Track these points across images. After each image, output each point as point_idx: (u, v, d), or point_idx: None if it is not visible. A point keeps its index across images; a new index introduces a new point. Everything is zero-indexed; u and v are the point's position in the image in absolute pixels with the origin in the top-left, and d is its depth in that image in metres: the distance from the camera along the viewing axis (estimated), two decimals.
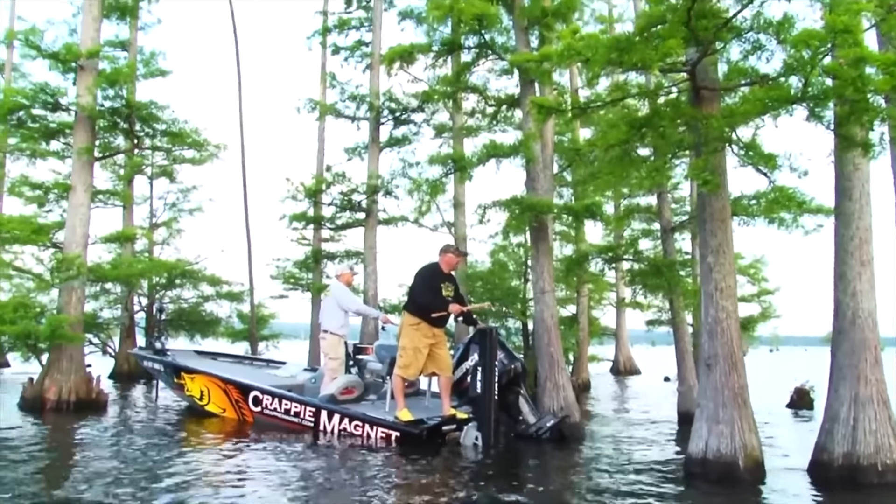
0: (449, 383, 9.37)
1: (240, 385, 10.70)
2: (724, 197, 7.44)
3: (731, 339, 7.23)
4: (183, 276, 20.06)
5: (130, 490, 6.16)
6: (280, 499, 5.93)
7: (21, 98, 13.16)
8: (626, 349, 29.82)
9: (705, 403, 7.27)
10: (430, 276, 9.26)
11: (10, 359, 22.59)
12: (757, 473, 7.03)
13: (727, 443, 7.04)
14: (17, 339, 12.34)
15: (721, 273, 7.31)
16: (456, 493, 6.40)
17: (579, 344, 19.21)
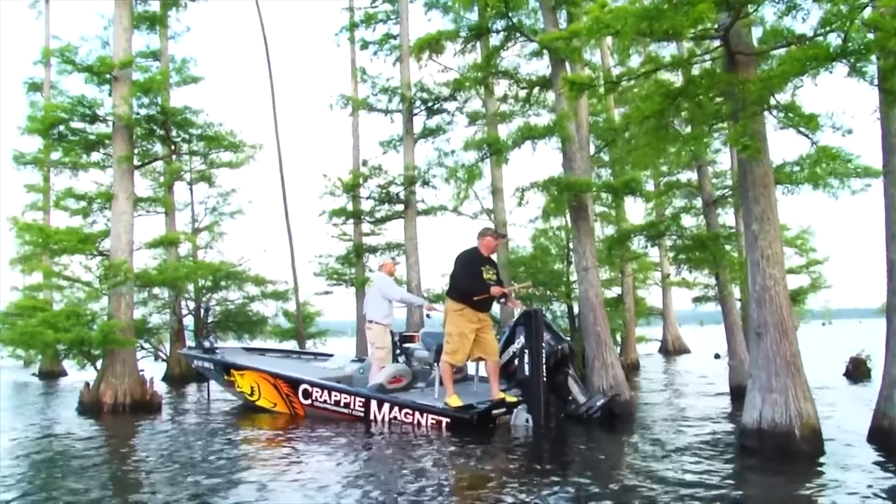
0: (496, 367, 9.36)
1: (289, 379, 10.81)
2: (766, 163, 7.29)
3: (781, 307, 7.10)
4: (228, 277, 20.33)
5: (191, 485, 6.25)
6: (338, 485, 5.96)
7: (60, 112, 13.43)
8: (674, 328, 29.55)
9: (757, 373, 7.15)
10: (470, 260, 9.24)
11: (67, 367, 23.17)
12: (815, 443, 6.88)
13: (782, 412, 6.92)
14: (71, 346, 12.64)
15: (766, 240, 7.18)
16: (510, 475, 6.37)
17: (626, 324, 19.08)
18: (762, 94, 6.54)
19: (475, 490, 5.79)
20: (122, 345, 12.25)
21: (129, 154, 13.01)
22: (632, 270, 19.31)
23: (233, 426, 10.01)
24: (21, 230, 13.50)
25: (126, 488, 6.35)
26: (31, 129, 13.73)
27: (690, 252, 11.80)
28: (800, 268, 19.71)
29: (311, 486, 6.04)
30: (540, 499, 5.41)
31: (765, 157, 7.26)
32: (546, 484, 5.94)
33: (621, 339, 19.07)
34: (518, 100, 13.51)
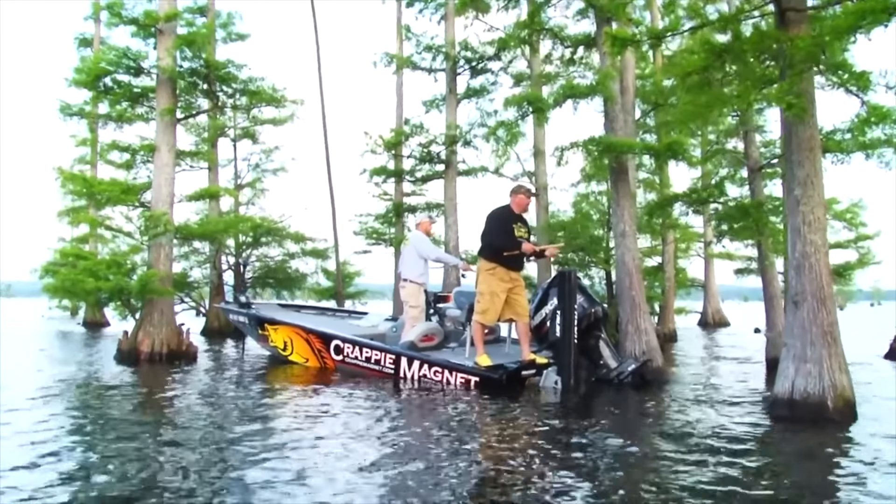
0: (527, 328, 9.28)
1: (321, 334, 10.87)
2: (812, 125, 7.02)
3: (820, 275, 6.89)
4: (268, 233, 20.53)
5: (220, 429, 6.32)
6: (366, 437, 5.97)
7: (106, 64, 13.54)
8: (715, 301, 29.15)
9: (792, 342, 6.97)
10: (501, 217, 9.13)
11: (110, 318, 23.69)
12: (848, 415, 6.71)
13: (815, 382, 6.75)
14: (111, 295, 12.89)
15: (809, 206, 6.95)
16: (533, 436, 6.31)
17: (665, 293, 18.81)
18: (812, 52, 6.28)
19: (497, 449, 5.74)
20: (160, 294, 12.44)
21: (171, 107, 13.09)
22: (674, 239, 18.94)
23: (262, 379, 10.10)
24: (66, 180, 13.69)
25: (153, 424, 6.45)
26: (78, 82, 13.88)
27: (733, 220, 11.52)
28: (848, 242, 19.14)
29: (333, 441, 6.05)
30: (558, 462, 5.36)
31: (811, 119, 6.99)
32: (566, 446, 5.88)
33: (659, 309, 18.82)
34: (562, 60, 13.22)
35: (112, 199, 13.58)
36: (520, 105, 10.65)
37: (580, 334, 9.02)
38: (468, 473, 4.86)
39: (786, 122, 7.12)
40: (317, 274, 22.43)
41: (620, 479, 4.81)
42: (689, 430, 6.43)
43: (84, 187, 13.67)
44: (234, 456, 5.28)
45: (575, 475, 4.82)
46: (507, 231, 9.01)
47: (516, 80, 17.97)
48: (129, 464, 5.00)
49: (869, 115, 6.55)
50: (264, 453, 5.34)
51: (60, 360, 12.62)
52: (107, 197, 13.58)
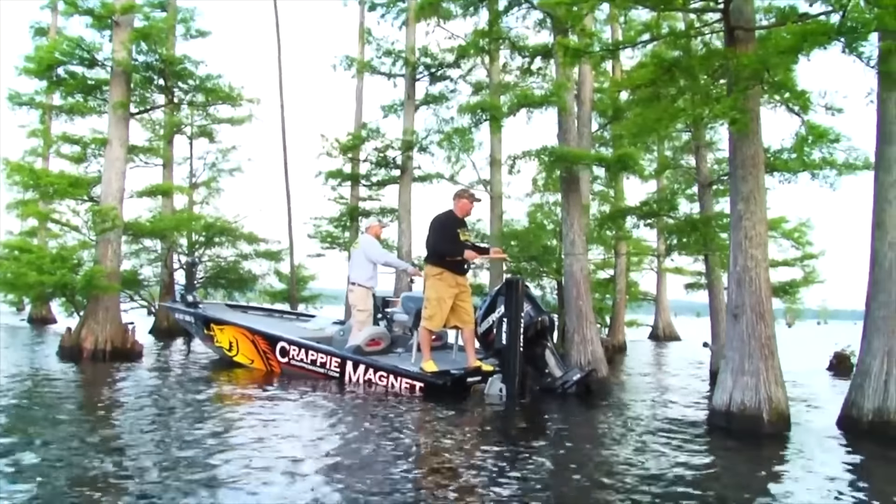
0: (472, 336, 9.28)
1: (267, 336, 10.75)
2: (757, 143, 7.14)
3: (760, 289, 7.00)
4: (221, 233, 20.25)
5: (158, 426, 6.22)
6: (306, 442, 5.91)
7: (58, 54, 13.29)
8: (666, 315, 29.45)
9: (731, 354, 7.07)
10: (445, 224, 9.12)
11: (57, 315, 23.21)
12: (782, 428, 6.84)
13: (752, 395, 6.86)
14: (55, 289, 12.62)
15: (751, 221, 7.07)
16: (475, 442, 6.31)
17: (616, 305, 18.97)
18: (757, 69, 6.39)
19: (437, 454, 5.73)
20: (106, 290, 12.22)
21: (125, 101, 12.90)
22: (626, 251, 19.12)
23: (206, 379, 9.96)
24: (12, 171, 13.38)
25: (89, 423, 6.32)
26: (29, 70, 13.61)
27: (682, 234, 11.69)
28: (794, 260, 19.50)
29: (270, 442, 5.99)
30: (498, 467, 5.36)
31: (756, 136, 7.11)
32: (508, 452, 5.89)
33: (610, 320, 18.96)
34: (521, 70, 13.29)
35: (60, 191, 13.33)
36: (474, 112, 10.70)
37: (526, 343, 9.02)
38: (404, 480, 4.83)
39: (731, 138, 7.25)
40: (269, 276, 22.17)
41: (553, 487, 4.82)
42: (627, 439, 6.48)
43: (31, 179, 13.36)
44: (164, 458, 5.19)
45: (506, 484, 4.82)
46: (451, 237, 9.00)
47: (475, 89, 18.00)
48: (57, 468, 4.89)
49: (807, 134, 6.67)
50: (200, 454, 5.26)
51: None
52: (54, 189, 13.32)
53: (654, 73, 6.80)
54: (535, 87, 15.65)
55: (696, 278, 25.43)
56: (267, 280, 22.50)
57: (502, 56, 15.50)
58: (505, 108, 10.42)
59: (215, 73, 13.86)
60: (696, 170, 12.59)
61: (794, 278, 19.06)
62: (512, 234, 15.91)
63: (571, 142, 10.20)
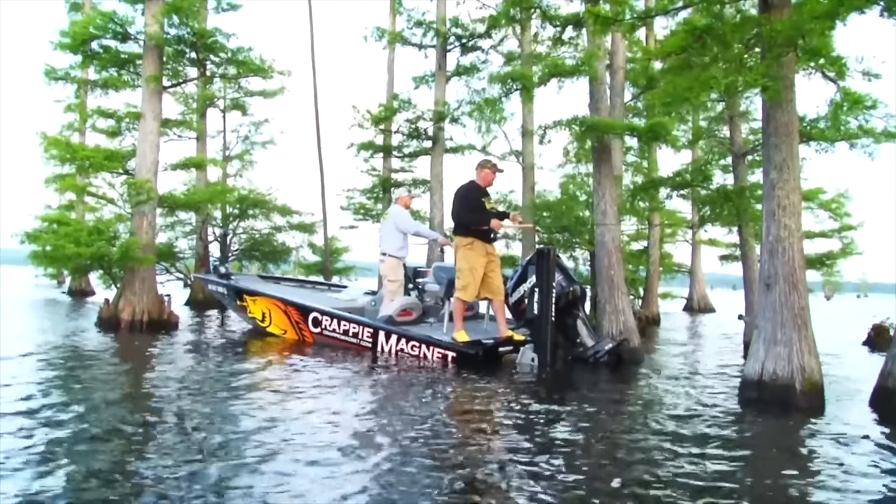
0: (502, 306, 9.35)
1: (300, 306, 10.89)
2: (790, 111, 7.05)
3: (793, 259, 6.94)
4: (255, 206, 20.45)
5: (196, 394, 6.38)
6: (340, 408, 6.02)
7: (92, 28, 13.43)
8: (700, 287, 29.28)
9: (763, 324, 7.04)
10: (469, 193, 9.18)
11: (95, 287, 23.67)
12: (815, 399, 6.78)
13: (784, 365, 6.83)
14: (92, 261, 12.86)
15: (784, 190, 7.00)
16: (507, 411, 6.39)
17: (649, 277, 18.90)
18: (791, 36, 6.29)
19: (468, 422, 5.82)
20: (141, 262, 12.42)
21: (157, 74, 13.02)
22: (659, 223, 19.00)
23: (238, 350, 10.14)
24: (49, 145, 13.61)
25: (128, 389, 6.50)
26: (64, 45, 13.75)
27: (715, 205, 11.58)
28: (832, 232, 19.29)
29: (305, 419, 6.11)
30: (530, 435, 5.43)
31: (790, 104, 7.02)
32: (539, 421, 5.96)
33: (643, 292, 18.91)
34: (552, 40, 13.20)
35: (95, 165, 13.52)
36: (504, 82, 10.64)
37: (558, 312, 9.07)
38: (444, 454, 4.91)
39: (765, 106, 7.16)
40: (303, 248, 22.39)
41: (585, 458, 4.88)
42: (657, 411, 6.51)
43: (67, 153, 13.59)
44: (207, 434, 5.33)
45: (547, 457, 4.89)
46: (477, 206, 9.06)
47: (507, 59, 17.87)
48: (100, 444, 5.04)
49: (843, 101, 6.57)
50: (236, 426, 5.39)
51: (40, 328, 12.66)
52: (90, 163, 13.52)
53: (685, 40, 6.73)
54: (567, 57, 15.53)
55: (730, 250, 25.26)
56: (300, 252, 22.74)
57: (533, 26, 15.36)
58: (536, 77, 10.35)
59: (246, 46, 13.94)
60: (730, 140, 12.46)
61: (832, 250, 18.87)
62: (544, 204, 15.89)
63: (603, 111, 10.13)
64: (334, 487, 3.84)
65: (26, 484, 3.75)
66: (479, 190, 9.24)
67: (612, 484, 4.07)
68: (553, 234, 15.53)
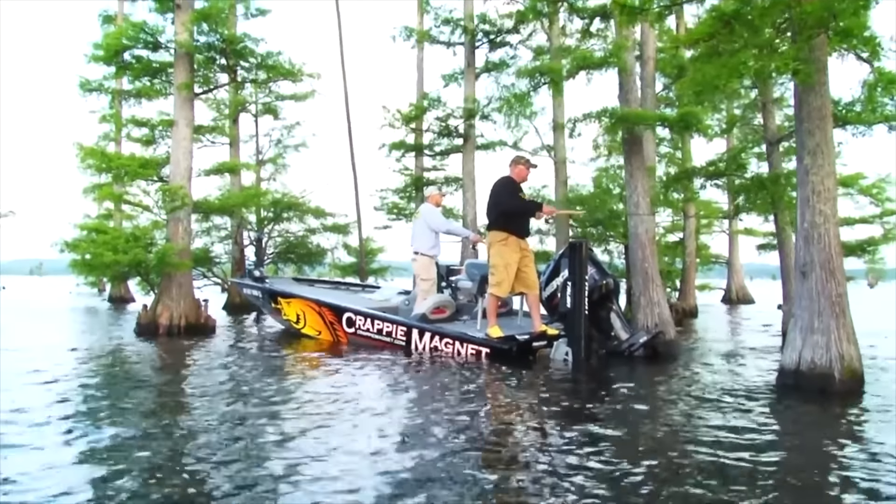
0: (537, 301, 9.33)
1: (333, 307, 10.96)
2: (823, 94, 6.94)
3: (830, 245, 6.83)
4: (289, 208, 20.64)
5: (234, 399, 6.45)
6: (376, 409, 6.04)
7: (124, 39, 13.65)
8: (739, 278, 28.90)
9: (800, 313, 6.94)
10: (509, 185, 9.19)
11: (135, 294, 24.05)
12: (855, 386, 6.68)
13: (822, 353, 6.73)
14: (130, 268, 13.07)
15: (819, 175, 6.89)
16: (543, 406, 6.36)
17: (686, 269, 18.70)
18: (822, 17, 6.19)
19: (505, 418, 5.81)
20: (178, 268, 12.60)
21: (189, 81, 13.21)
22: (695, 213, 18.78)
23: (275, 352, 10.22)
24: (85, 155, 13.84)
25: (164, 395, 6.60)
26: (98, 58, 14.00)
27: (750, 193, 11.43)
28: (873, 217, 18.92)
29: (344, 421, 6.14)
30: (556, 431, 5.41)
31: (823, 87, 6.91)
32: (572, 416, 5.93)
33: (680, 284, 18.71)
34: (581, 32, 13.09)
35: (130, 173, 13.73)
36: (532, 76, 10.59)
37: (591, 306, 8.99)
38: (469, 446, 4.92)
39: (797, 90, 7.06)
40: (338, 249, 22.54)
41: (623, 450, 4.85)
42: (694, 403, 6.44)
43: (103, 162, 13.82)
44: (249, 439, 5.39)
45: (584, 453, 4.87)
46: (519, 197, 9.10)
47: (536, 54, 17.83)
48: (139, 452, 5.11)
49: (877, 81, 6.44)
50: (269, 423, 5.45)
51: (81, 332, 12.90)
52: (125, 171, 13.74)
53: (712, 26, 6.65)
54: (597, 49, 15.43)
55: (767, 239, 24.90)
56: (336, 254, 22.90)
57: (561, 19, 15.28)
58: (564, 70, 10.29)
59: (276, 51, 14.07)
60: (764, 127, 12.28)
61: (873, 236, 18.48)
62: (578, 198, 15.81)
63: (633, 102, 10.05)
64: (382, 485, 3.85)
65: (64, 484, 3.81)
66: (515, 184, 9.25)
67: (654, 473, 4.04)
68: (587, 228, 15.46)
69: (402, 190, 21.70)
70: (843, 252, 7.17)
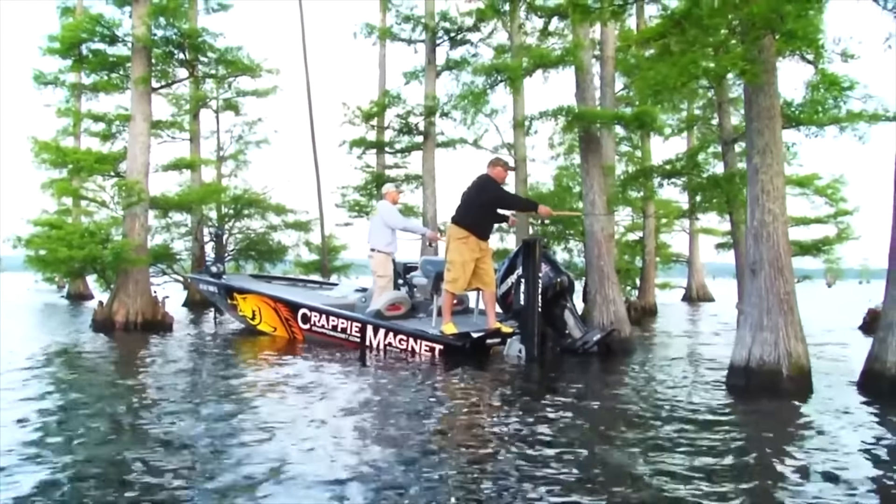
0: (493, 298, 9.31)
1: (289, 303, 10.86)
2: (772, 94, 6.97)
3: (778, 244, 6.87)
4: (249, 205, 20.37)
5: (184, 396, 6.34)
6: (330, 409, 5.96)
7: (80, 32, 13.39)
8: (699, 276, 29.19)
9: (749, 310, 6.97)
10: (495, 182, 9.10)
11: (93, 290, 23.67)
12: (802, 384, 6.71)
13: (771, 350, 6.75)
14: (85, 264, 12.81)
15: (768, 174, 6.92)
16: (492, 402, 6.33)
17: (645, 267, 18.81)
18: (769, 18, 6.21)
19: (454, 413, 5.77)
20: (134, 264, 12.38)
21: (146, 76, 12.96)
22: (654, 212, 18.90)
23: (229, 349, 10.10)
24: (40, 149, 13.56)
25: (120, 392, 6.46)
26: (53, 50, 13.71)
27: (705, 191, 11.51)
28: (828, 217, 19.21)
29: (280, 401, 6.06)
30: (510, 425, 5.38)
31: (771, 88, 6.94)
32: (521, 411, 5.90)
33: (639, 282, 18.82)
34: (541, 31, 13.14)
35: (87, 168, 13.48)
36: (489, 73, 10.55)
37: (545, 303, 8.99)
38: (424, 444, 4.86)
39: (746, 91, 7.09)
40: (300, 246, 22.27)
41: (575, 450, 4.82)
42: (642, 400, 6.45)
43: (58, 156, 13.55)
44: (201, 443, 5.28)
45: (529, 449, 4.84)
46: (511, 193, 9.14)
47: (497, 52, 17.82)
48: None
49: (819, 82, 6.49)
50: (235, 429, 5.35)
51: (36, 329, 12.65)
52: (81, 166, 13.48)
53: (664, 26, 6.67)
54: (556, 48, 15.46)
55: (726, 238, 25.10)
56: (297, 251, 22.63)
57: (521, 17, 15.31)
58: (522, 69, 10.26)
59: (236, 46, 13.87)
60: (720, 126, 12.36)
61: (828, 235, 18.76)
62: (537, 197, 15.82)
63: (590, 101, 10.04)
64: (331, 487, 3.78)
65: (19, 486, 3.69)
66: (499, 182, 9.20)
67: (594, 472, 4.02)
68: (547, 226, 15.48)
69: (363, 187, 21.56)
70: (793, 251, 7.23)
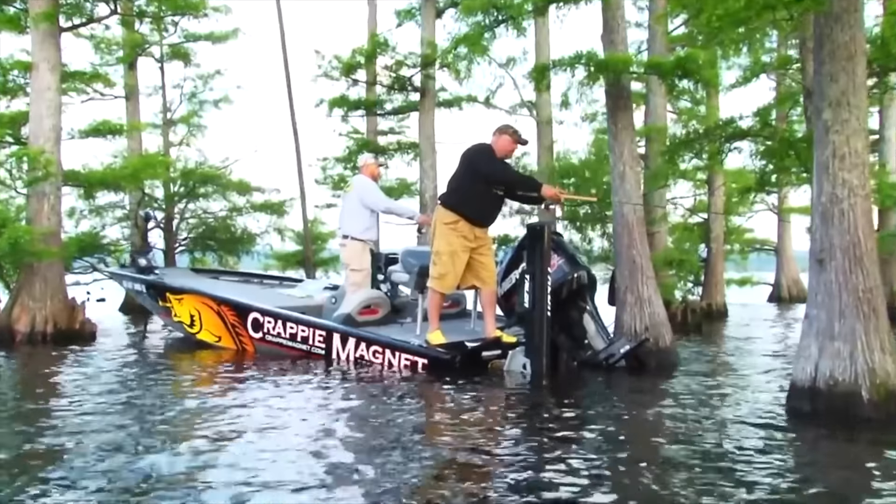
0: (492, 298, 9.16)
1: (236, 305, 10.75)
2: (854, 24, 6.68)
3: (855, 226, 6.57)
4: (204, 182, 20.16)
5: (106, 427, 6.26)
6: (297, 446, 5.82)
7: None
8: (791, 269, 28.48)
9: (815, 313, 6.69)
10: (490, 152, 8.91)
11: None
12: (889, 410, 6.43)
13: (845, 366, 6.47)
14: None
15: (843, 134, 6.63)
16: (489, 435, 6.14)
17: (712, 258, 18.51)
18: None
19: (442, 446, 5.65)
20: (40, 257, 12.07)
21: (51, 10, 12.60)
22: (723, 186, 18.56)
23: (159, 366, 10.04)
24: None
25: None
26: None
27: (776, 159, 11.21)
28: None
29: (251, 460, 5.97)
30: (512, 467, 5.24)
31: (851, 17, 6.66)
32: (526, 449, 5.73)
33: (704, 278, 18.52)
34: None
35: None
36: (485, 11, 10.26)
37: (559, 305, 8.79)
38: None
39: (816, 22, 6.84)
40: (268, 232, 21.95)
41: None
42: (680, 433, 6.22)
43: None
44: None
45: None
46: (506, 164, 9.11)
47: None
48: None
49: None
50: None
51: None
52: None
53: None
54: None
55: None
56: (266, 239, 22.32)
57: None
58: (528, 4, 9.99)
59: None
60: (802, 71, 12.04)
61: None
62: (566, 167, 15.60)
63: (619, 45, 9.76)
64: None
65: None
66: (495, 153, 8.98)
67: None
68: (576, 206, 15.25)
69: (347, 158, 21.28)
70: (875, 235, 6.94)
